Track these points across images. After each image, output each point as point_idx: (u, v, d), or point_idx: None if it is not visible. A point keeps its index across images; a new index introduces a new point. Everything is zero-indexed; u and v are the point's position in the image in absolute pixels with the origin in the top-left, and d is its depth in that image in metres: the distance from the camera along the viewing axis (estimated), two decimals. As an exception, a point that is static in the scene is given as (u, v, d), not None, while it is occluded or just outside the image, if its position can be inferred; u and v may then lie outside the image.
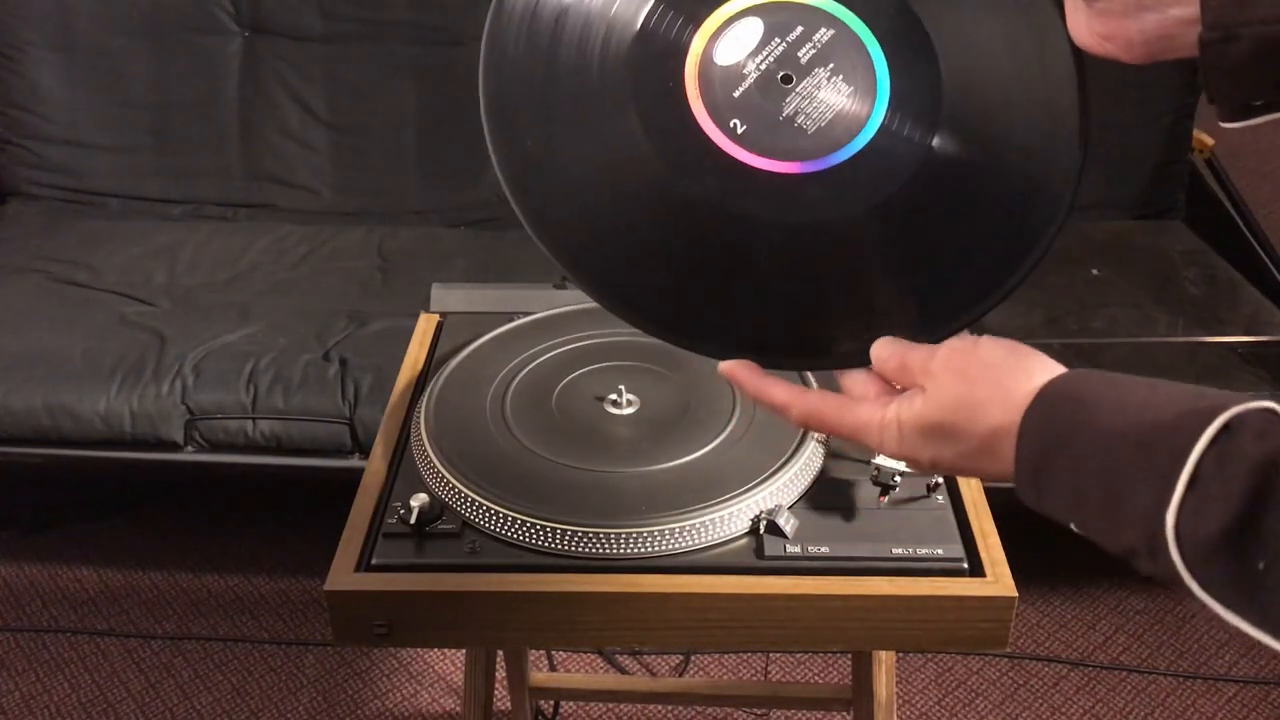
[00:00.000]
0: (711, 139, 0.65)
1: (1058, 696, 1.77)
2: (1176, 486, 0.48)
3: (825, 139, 0.64)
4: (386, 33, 2.17)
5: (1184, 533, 0.47)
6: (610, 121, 0.66)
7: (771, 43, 0.65)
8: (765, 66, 0.65)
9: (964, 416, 0.58)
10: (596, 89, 0.66)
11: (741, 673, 1.82)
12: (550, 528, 0.87)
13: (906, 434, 0.60)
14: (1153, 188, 2.12)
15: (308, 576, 2.00)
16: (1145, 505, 0.49)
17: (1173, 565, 0.48)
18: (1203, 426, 0.48)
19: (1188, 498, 0.47)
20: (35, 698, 1.78)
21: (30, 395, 1.70)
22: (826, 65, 0.65)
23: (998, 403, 0.57)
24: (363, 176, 2.23)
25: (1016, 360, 0.59)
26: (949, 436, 0.59)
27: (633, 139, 0.65)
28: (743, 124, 0.65)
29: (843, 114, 0.64)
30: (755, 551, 0.88)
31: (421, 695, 1.79)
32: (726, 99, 0.65)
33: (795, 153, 0.65)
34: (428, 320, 1.20)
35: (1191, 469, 0.47)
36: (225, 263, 2.05)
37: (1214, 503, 0.46)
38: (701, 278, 0.66)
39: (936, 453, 0.60)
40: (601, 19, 0.66)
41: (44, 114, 2.22)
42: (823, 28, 0.65)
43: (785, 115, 0.65)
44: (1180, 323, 1.69)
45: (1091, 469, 0.52)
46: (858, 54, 0.65)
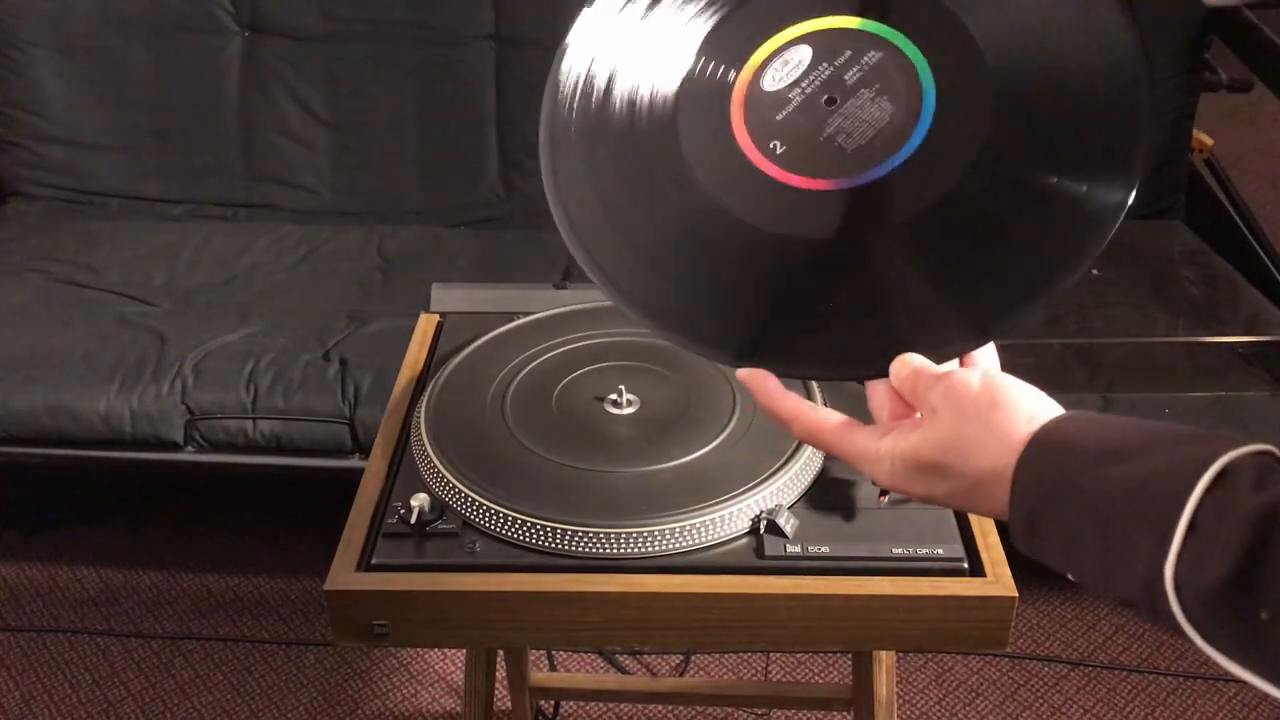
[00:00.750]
0: (750, 159, 0.66)
1: (1058, 696, 1.77)
2: (1174, 537, 0.47)
3: (864, 156, 0.65)
4: (386, 33, 2.17)
5: (1183, 583, 0.47)
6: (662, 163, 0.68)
7: (819, 68, 0.67)
8: (810, 90, 0.67)
9: (955, 457, 0.58)
10: (647, 140, 0.68)
11: (742, 673, 1.82)
12: (550, 528, 0.87)
13: (898, 469, 0.60)
14: (1153, 188, 2.11)
15: (308, 576, 2.00)
16: (1143, 556, 0.48)
17: (1173, 616, 0.48)
18: (1199, 474, 0.47)
19: (1186, 547, 0.47)
20: (35, 698, 1.78)
21: (30, 395, 1.70)
22: (872, 86, 0.66)
23: (990, 445, 0.57)
24: (363, 176, 2.23)
25: (1013, 400, 0.58)
26: (941, 475, 0.59)
27: (679, 167, 0.67)
28: (782, 145, 0.67)
29: (884, 131, 0.65)
30: (755, 551, 0.88)
31: (421, 695, 1.79)
32: (770, 122, 0.67)
33: (831, 170, 0.66)
34: (428, 320, 1.20)
35: (1189, 518, 0.47)
36: (225, 263, 2.05)
37: (1213, 553, 0.46)
38: (743, 294, 0.67)
39: (929, 489, 0.60)
40: (647, 81, 0.69)
41: (44, 114, 2.22)
42: (871, 50, 0.66)
43: (825, 135, 0.66)
44: (1180, 323, 1.69)
45: (1087, 519, 0.52)
46: (905, 72, 0.66)
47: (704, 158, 0.68)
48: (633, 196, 0.69)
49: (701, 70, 0.69)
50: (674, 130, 0.69)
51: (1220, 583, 0.45)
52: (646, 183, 0.69)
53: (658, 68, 0.69)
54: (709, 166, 0.68)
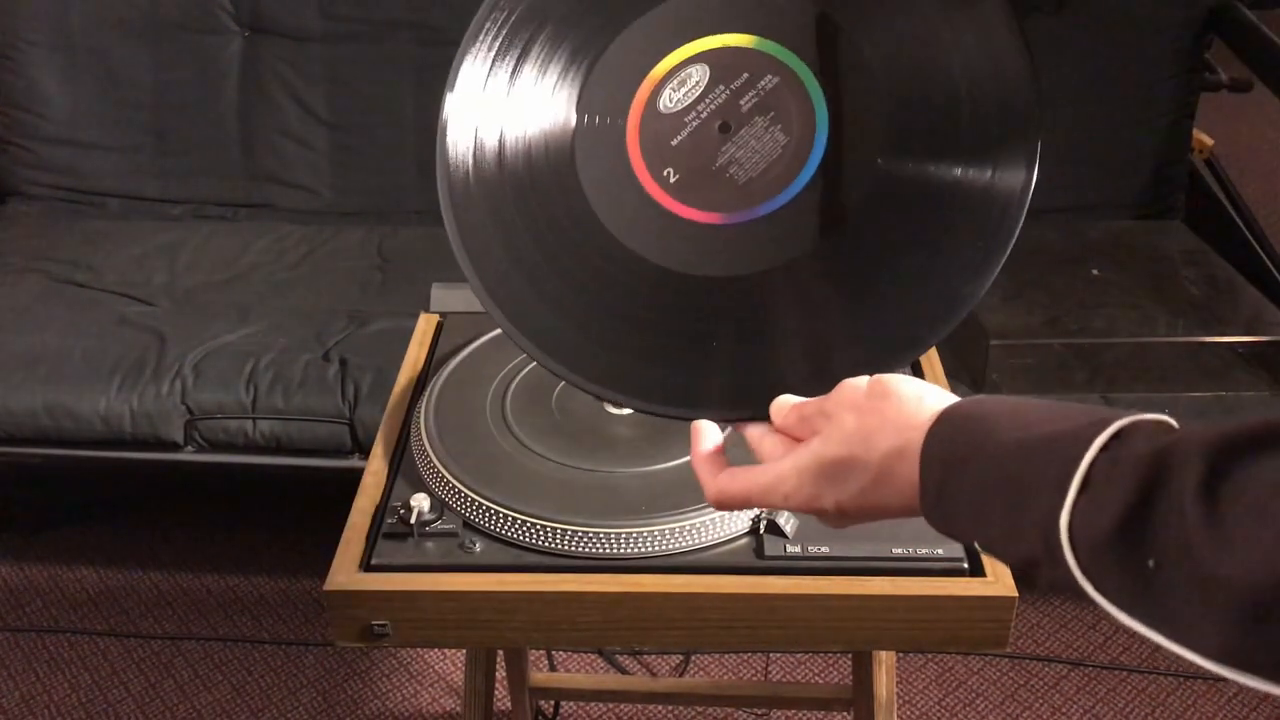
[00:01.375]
0: (644, 187, 0.65)
1: (1058, 696, 1.77)
2: (1069, 489, 0.48)
3: (754, 190, 0.64)
4: (386, 33, 2.17)
5: (1077, 535, 0.48)
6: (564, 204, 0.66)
7: (716, 90, 0.65)
8: (705, 114, 0.65)
9: (859, 446, 0.58)
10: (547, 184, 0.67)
11: (741, 673, 1.82)
12: (550, 528, 0.87)
13: (805, 480, 0.60)
14: (1153, 188, 2.12)
15: (308, 576, 2.00)
16: (1042, 512, 0.49)
17: (1069, 569, 0.48)
18: (1097, 433, 0.48)
19: (1080, 500, 0.48)
20: (35, 698, 1.78)
21: (30, 395, 1.70)
22: (767, 114, 0.64)
23: (893, 428, 0.57)
24: (363, 176, 2.23)
25: (904, 386, 0.59)
26: (847, 470, 0.58)
27: (580, 205, 0.66)
28: (676, 173, 0.65)
29: (775, 164, 0.64)
30: (755, 551, 0.88)
31: (421, 695, 1.79)
32: (665, 147, 0.65)
33: (721, 204, 0.64)
34: (428, 320, 1.20)
35: (1084, 472, 0.48)
36: (225, 263, 2.05)
37: (1105, 502, 0.47)
38: (639, 332, 0.66)
39: (838, 494, 0.59)
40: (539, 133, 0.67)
41: (44, 114, 2.22)
42: (768, 75, 0.65)
43: (719, 165, 0.64)
44: (1180, 323, 1.69)
45: (992, 482, 0.52)
46: (799, 99, 0.64)
47: (603, 190, 0.66)
48: (539, 243, 0.68)
49: (589, 123, 0.67)
50: (573, 169, 0.67)
51: (1110, 530, 0.46)
52: (550, 227, 0.67)
53: (543, 124, 0.68)
54: (608, 200, 0.66)
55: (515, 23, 0.69)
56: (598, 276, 0.66)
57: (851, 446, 0.58)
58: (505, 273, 0.68)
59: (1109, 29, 2.06)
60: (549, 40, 0.68)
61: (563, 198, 0.66)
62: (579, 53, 0.67)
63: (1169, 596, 0.45)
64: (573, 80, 0.67)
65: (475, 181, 0.68)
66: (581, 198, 0.66)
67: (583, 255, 0.66)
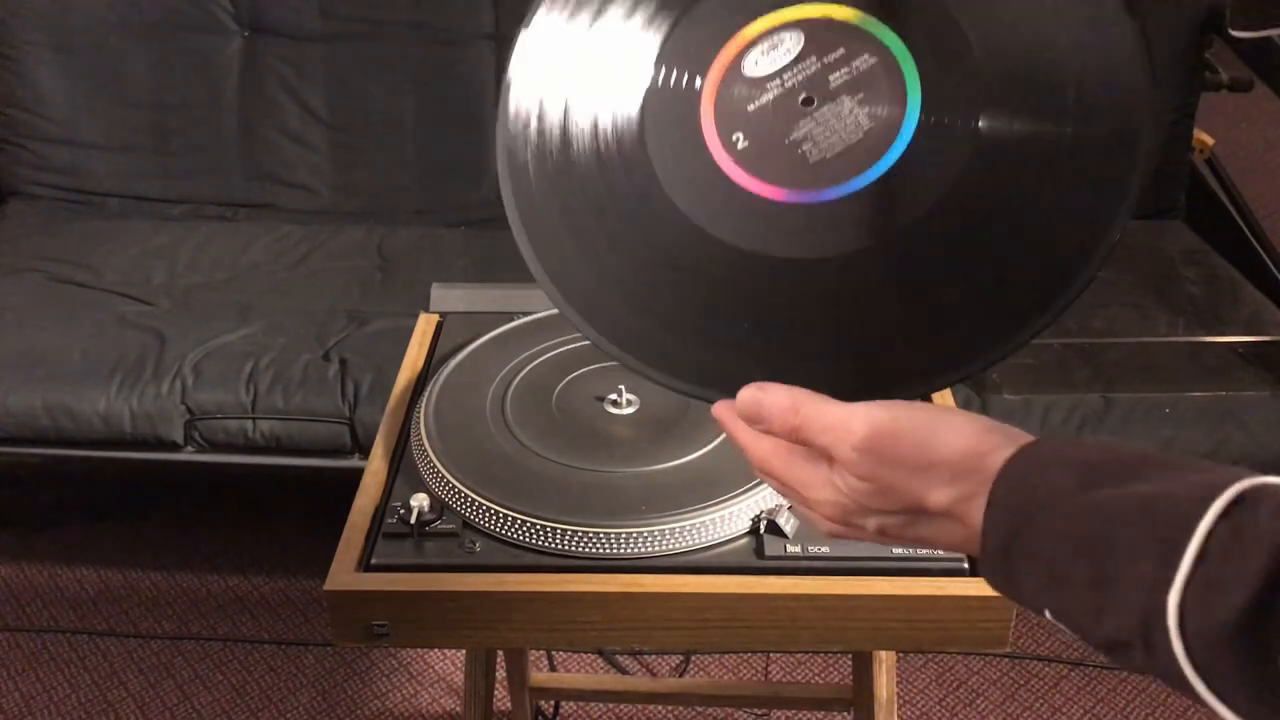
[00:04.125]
0: (708, 146, 0.61)
1: (1058, 697, 1.77)
2: (1182, 562, 0.41)
3: (823, 172, 0.60)
4: (386, 33, 2.17)
5: (1189, 621, 0.40)
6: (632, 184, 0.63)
7: (807, 60, 0.61)
8: (791, 84, 0.61)
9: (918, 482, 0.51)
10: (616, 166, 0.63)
11: (741, 673, 1.82)
12: (550, 528, 0.87)
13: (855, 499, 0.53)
14: (1153, 188, 2.11)
15: (308, 576, 2.00)
16: (1142, 584, 0.42)
17: (1173, 657, 0.41)
18: (1214, 496, 0.41)
19: (1195, 576, 0.40)
20: (35, 698, 1.78)
21: (30, 395, 1.70)
22: (855, 95, 0.60)
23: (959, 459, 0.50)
24: (362, 176, 2.23)
25: (975, 420, 0.51)
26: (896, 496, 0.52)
27: (651, 185, 0.62)
28: (745, 139, 0.61)
29: (853, 149, 0.60)
30: (755, 551, 0.88)
31: (421, 695, 1.79)
32: (740, 111, 0.61)
33: (786, 179, 0.60)
34: (428, 320, 1.20)
35: (1200, 542, 0.40)
36: (225, 263, 2.05)
37: (1226, 584, 0.39)
38: (688, 305, 0.63)
39: (883, 520, 0.53)
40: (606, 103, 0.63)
41: (44, 114, 2.22)
42: (865, 54, 0.60)
43: (792, 139, 0.60)
44: (1180, 323, 1.69)
45: (1076, 539, 0.45)
46: (894, 87, 0.60)
47: (673, 165, 0.62)
48: (606, 230, 0.64)
49: (665, 79, 0.63)
50: (642, 145, 0.63)
51: (1232, 619, 0.39)
52: (617, 212, 0.63)
53: (614, 86, 0.64)
54: (679, 176, 0.62)
55: None
56: (641, 234, 0.63)
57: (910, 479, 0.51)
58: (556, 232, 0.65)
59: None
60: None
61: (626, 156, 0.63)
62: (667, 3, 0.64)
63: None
64: (658, 27, 0.63)
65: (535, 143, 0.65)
66: (644, 155, 0.63)
67: (632, 212, 0.63)
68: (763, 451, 0.58)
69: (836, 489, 0.54)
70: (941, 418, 0.52)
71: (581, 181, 0.63)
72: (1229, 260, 1.94)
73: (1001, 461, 0.48)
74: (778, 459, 0.57)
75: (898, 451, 0.51)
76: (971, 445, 0.50)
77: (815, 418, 0.54)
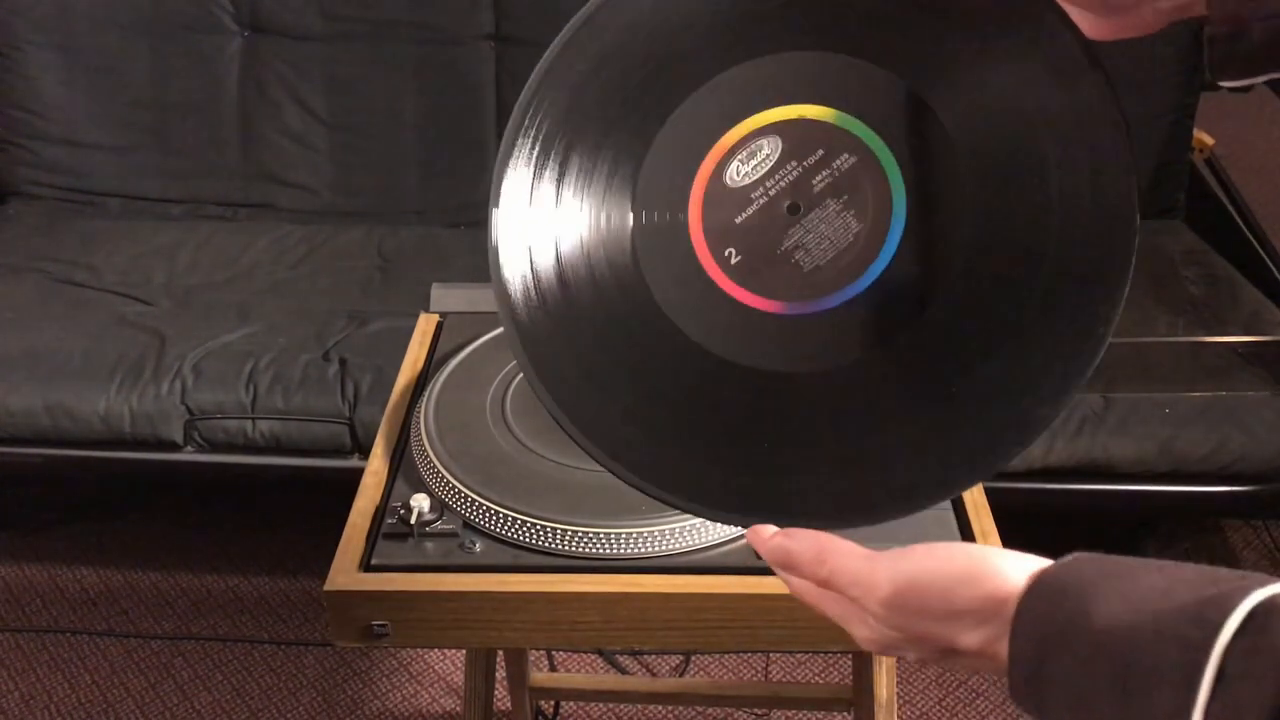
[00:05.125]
0: (703, 265, 0.60)
1: (1058, 696, 1.77)
2: (1200, 687, 0.41)
3: (820, 280, 0.59)
4: (386, 33, 2.17)
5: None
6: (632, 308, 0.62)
7: (787, 165, 0.60)
8: (775, 192, 0.60)
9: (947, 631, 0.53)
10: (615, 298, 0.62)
11: (741, 673, 1.82)
12: (550, 528, 0.87)
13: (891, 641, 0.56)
14: (1153, 188, 2.11)
15: (308, 576, 2.00)
16: (1165, 709, 0.42)
17: None
18: (1224, 615, 0.42)
19: (1215, 699, 0.41)
20: (35, 698, 1.78)
21: (30, 395, 1.70)
22: (840, 197, 0.59)
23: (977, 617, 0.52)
24: (362, 176, 2.23)
25: (983, 559, 0.53)
26: (929, 642, 0.54)
27: (627, 270, 0.61)
28: (738, 254, 0.60)
29: (845, 253, 0.59)
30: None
31: (421, 695, 1.79)
32: (729, 225, 0.60)
33: (784, 292, 0.60)
34: (428, 320, 1.20)
35: (1216, 664, 0.41)
36: (225, 263, 2.05)
37: (1245, 704, 0.40)
38: (691, 424, 0.62)
39: (920, 656, 0.56)
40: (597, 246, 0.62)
41: (44, 114, 2.22)
42: (845, 154, 0.59)
43: (784, 249, 0.60)
44: (1180, 322, 1.69)
45: (1098, 669, 0.46)
46: (877, 186, 0.59)
47: (670, 288, 0.61)
48: (614, 362, 0.63)
49: (649, 217, 0.62)
50: (638, 273, 0.62)
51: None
52: (622, 341, 0.62)
53: (600, 232, 0.62)
54: (678, 299, 0.61)
55: (551, 127, 0.64)
56: (648, 360, 0.62)
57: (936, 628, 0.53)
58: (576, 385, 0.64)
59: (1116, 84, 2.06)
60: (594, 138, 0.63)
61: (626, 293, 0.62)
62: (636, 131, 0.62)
63: None
64: (626, 172, 0.62)
65: (537, 303, 0.63)
66: (642, 283, 0.62)
67: (636, 339, 0.62)
68: (797, 587, 0.59)
69: (871, 628, 0.56)
70: (954, 562, 0.53)
71: (583, 316, 0.62)
72: (1229, 260, 1.94)
73: (1018, 596, 0.50)
74: (811, 595, 0.59)
75: (921, 605, 0.53)
76: (990, 589, 0.52)
77: (841, 572, 0.56)
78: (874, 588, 0.54)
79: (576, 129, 0.62)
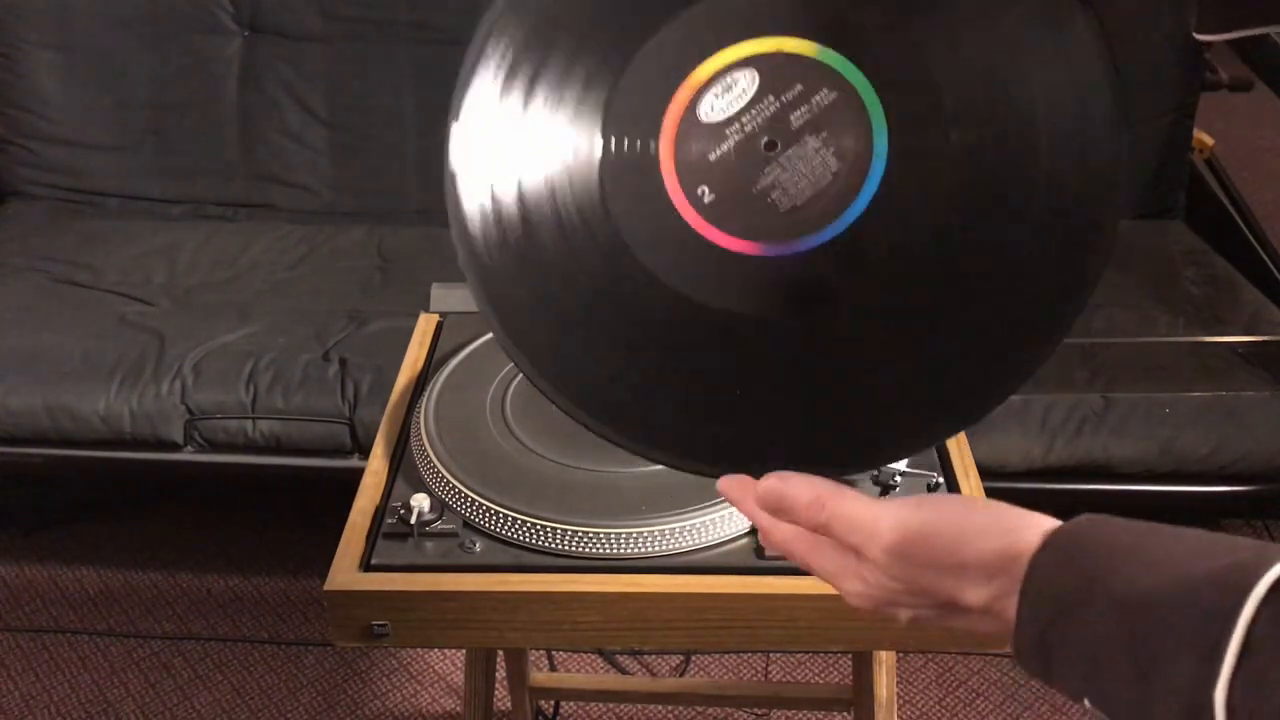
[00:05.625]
0: (674, 203, 0.58)
1: (1058, 697, 1.77)
2: (1226, 656, 0.39)
3: (798, 221, 0.57)
4: (386, 33, 2.17)
5: (1238, 714, 0.39)
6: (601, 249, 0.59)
7: (765, 100, 0.57)
8: (750, 128, 0.57)
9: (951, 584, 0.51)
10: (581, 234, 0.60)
11: (742, 673, 1.82)
12: (550, 528, 0.87)
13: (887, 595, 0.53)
14: (1153, 188, 2.12)
15: (308, 576, 2.00)
16: (1186, 679, 0.41)
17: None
18: (1249, 584, 0.40)
19: (1240, 671, 0.39)
20: (35, 698, 1.78)
21: (30, 395, 1.70)
22: (819, 134, 0.57)
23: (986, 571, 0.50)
24: (363, 176, 2.23)
25: (999, 512, 0.51)
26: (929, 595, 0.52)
27: (593, 205, 0.59)
28: (711, 192, 0.58)
29: (824, 193, 0.57)
30: (755, 551, 0.88)
31: (421, 695, 1.79)
32: (702, 162, 0.58)
33: (760, 232, 0.57)
34: (428, 320, 1.20)
35: (1243, 635, 0.39)
36: (225, 263, 2.05)
37: (1275, 677, 0.38)
38: (660, 371, 0.60)
39: (916, 613, 0.54)
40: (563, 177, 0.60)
41: (44, 114, 2.22)
42: (825, 89, 0.57)
43: (760, 188, 0.57)
44: (1180, 323, 1.69)
45: (1114, 633, 0.44)
46: (858, 124, 0.57)
47: (640, 227, 0.59)
48: (579, 303, 0.60)
49: (618, 145, 0.59)
50: (605, 210, 0.59)
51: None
52: (588, 283, 0.60)
53: (566, 159, 0.60)
54: (648, 238, 0.59)
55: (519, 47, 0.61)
56: (615, 302, 0.60)
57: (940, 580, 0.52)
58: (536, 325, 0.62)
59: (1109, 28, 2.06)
60: (565, 56, 0.60)
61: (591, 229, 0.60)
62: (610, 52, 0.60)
63: None
64: (597, 94, 0.60)
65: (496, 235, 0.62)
66: (609, 220, 0.59)
67: (603, 281, 0.60)
68: (784, 536, 0.57)
69: (866, 582, 0.54)
70: (971, 515, 0.52)
71: (547, 256, 0.60)
72: (1229, 260, 1.93)
73: (1031, 553, 0.48)
74: (801, 545, 0.56)
75: (930, 554, 0.51)
76: (1003, 544, 0.50)
77: (841, 517, 0.53)
78: (877, 534, 0.52)
79: (546, 48, 0.60)
